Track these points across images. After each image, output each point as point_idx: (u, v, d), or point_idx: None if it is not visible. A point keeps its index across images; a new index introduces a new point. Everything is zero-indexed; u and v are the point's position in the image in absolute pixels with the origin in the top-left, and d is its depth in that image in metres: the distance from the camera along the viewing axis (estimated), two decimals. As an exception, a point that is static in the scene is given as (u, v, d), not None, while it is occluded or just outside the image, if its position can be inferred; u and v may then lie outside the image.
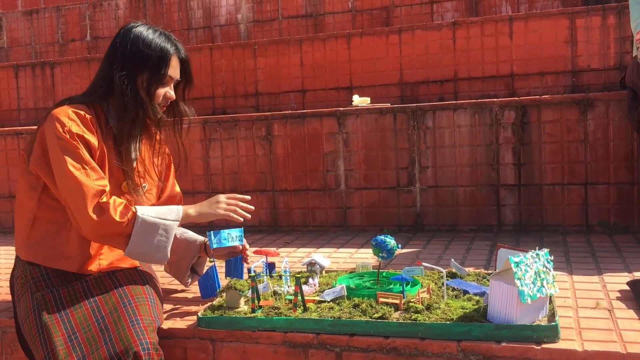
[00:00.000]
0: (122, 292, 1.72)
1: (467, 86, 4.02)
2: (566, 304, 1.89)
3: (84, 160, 1.68)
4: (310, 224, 3.50)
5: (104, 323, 1.63)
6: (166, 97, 1.83)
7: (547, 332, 1.57)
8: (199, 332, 1.83)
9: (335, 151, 3.43)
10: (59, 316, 1.64)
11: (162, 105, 1.84)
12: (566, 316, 1.77)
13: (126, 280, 1.79)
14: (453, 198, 3.26)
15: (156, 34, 1.80)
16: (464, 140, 3.22)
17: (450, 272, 2.10)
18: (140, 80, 1.77)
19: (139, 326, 1.60)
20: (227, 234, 2.17)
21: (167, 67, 1.78)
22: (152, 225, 1.70)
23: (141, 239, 1.69)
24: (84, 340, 1.60)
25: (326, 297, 1.87)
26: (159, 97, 1.80)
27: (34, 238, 1.78)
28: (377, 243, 1.94)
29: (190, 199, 3.71)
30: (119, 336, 1.57)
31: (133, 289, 1.75)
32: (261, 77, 4.47)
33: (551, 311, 1.69)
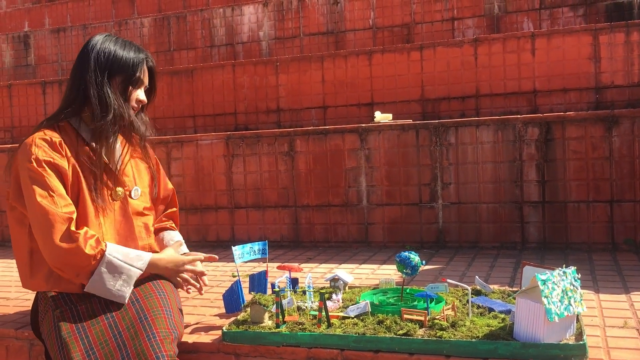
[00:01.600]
0: (138, 307, 1.73)
1: (488, 102, 4.02)
2: (593, 323, 1.87)
3: (51, 188, 1.70)
4: (332, 240, 3.51)
5: (121, 339, 1.64)
6: (138, 100, 1.89)
7: (575, 350, 1.55)
8: (223, 347, 1.83)
9: (357, 167, 3.44)
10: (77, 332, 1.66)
11: (135, 108, 1.90)
12: (594, 335, 1.75)
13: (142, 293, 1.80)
14: (476, 215, 3.24)
15: (126, 42, 1.89)
16: (486, 157, 3.21)
17: (475, 290, 2.08)
18: (115, 83, 1.83)
19: (155, 340, 1.62)
20: (249, 248, 2.19)
21: (140, 71, 1.84)
22: (116, 269, 1.71)
23: (102, 279, 1.70)
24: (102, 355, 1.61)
25: (350, 313, 1.87)
26: (133, 99, 1.86)
27: (36, 268, 1.81)
28: (402, 259, 1.93)
29: (212, 215, 3.75)
30: (136, 351, 1.59)
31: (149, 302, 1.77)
32: (283, 94, 4.51)
33: (579, 330, 1.68)
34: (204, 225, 3.74)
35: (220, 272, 2.96)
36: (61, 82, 5.17)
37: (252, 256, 2.17)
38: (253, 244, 2.18)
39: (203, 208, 3.76)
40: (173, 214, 2.16)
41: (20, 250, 1.82)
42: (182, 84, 4.79)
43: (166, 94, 4.83)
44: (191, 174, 3.77)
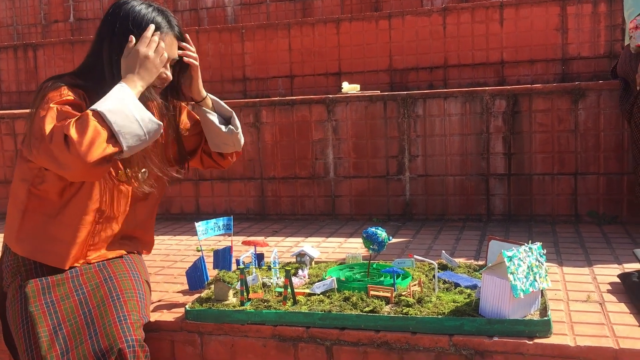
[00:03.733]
0: (111, 286, 1.68)
1: (456, 73, 4.00)
2: (557, 297, 1.88)
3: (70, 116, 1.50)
4: (298, 213, 3.48)
5: (90, 316, 1.59)
6: (161, 79, 1.66)
7: (539, 326, 1.56)
8: (186, 325, 1.80)
9: (324, 139, 3.40)
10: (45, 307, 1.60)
11: (157, 87, 1.68)
12: (558, 310, 1.76)
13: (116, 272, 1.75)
14: (442, 187, 3.25)
15: (149, 8, 1.68)
16: (454, 129, 3.20)
17: (441, 264, 2.08)
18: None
19: (126, 322, 1.57)
20: (213, 224, 2.14)
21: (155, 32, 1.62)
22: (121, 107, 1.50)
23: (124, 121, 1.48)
24: (69, 332, 1.56)
25: (316, 289, 1.85)
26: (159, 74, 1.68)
27: (24, 231, 1.72)
28: (368, 235, 1.91)
29: (176, 187, 3.66)
30: (105, 331, 1.54)
31: (123, 282, 1.71)
32: (249, 62, 4.41)
33: (543, 305, 1.69)
34: (167, 198, 3.66)
35: (184, 246, 2.91)
36: (16, 47, 4.94)
37: (217, 232, 2.12)
38: (217, 220, 2.13)
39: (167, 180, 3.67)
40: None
41: (15, 207, 1.69)
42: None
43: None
44: (154, 145, 3.66)
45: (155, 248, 2.88)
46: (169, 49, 1.66)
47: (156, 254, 2.76)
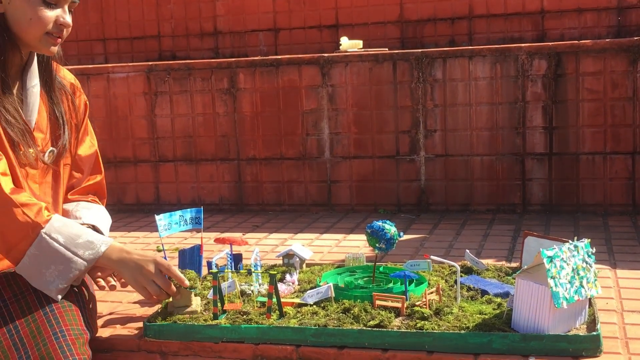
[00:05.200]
0: (40, 294, 1.68)
1: (484, 26, 4.00)
2: (609, 307, 1.91)
3: None
4: (285, 202, 3.49)
5: (18, 336, 1.60)
6: (58, 24, 1.65)
7: (586, 343, 1.59)
8: (145, 344, 1.81)
9: (317, 109, 3.40)
10: None
11: (54, 35, 1.66)
12: (610, 322, 1.79)
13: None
14: (467, 170, 3.26)
15: None
16: (481, 97, 3.21)
17: (465, 267, 2.10)
18: (17, 1, 1.65)
19: (65, 340, 1.57)
20: (178, 217, 2.15)
21: None
22: (51, 254, 1.62)
23: (33, 265, 1.60)
24: (-9, 359, 1.57)
25: (308, 299, 1.87)
26: (47, 22, 1.67)
27: None
28: (374, 231, 1.93)
29: (130, 170, 3.67)
30: (39, 353, 1.55)
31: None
32: (221, 12, 4.39)
33: (591, 317, 1.71)
34: (119, 184, 3.67)
35: (141, 245, 2.93)
36: None
37: (182, 227, 2.13)
38: (183, 212, 2.14)
39: (118, 162, 3.69)
40: (96, 186, 1.97)
41: None
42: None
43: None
44: (101, 117, 3.67)
45: (104, 247, 2.89)
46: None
47: (106, 255, 2.77)
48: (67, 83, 1.84)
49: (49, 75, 1.78)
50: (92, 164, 1.95)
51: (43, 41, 1.65)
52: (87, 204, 1.91)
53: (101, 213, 1.91)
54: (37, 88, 1.75)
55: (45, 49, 1.67)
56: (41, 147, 1.75)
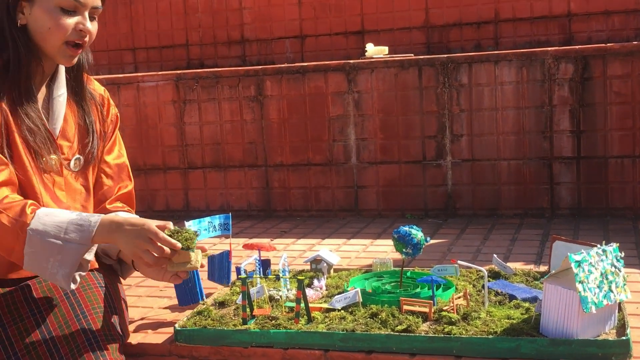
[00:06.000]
0: (74, 301, 1.70)
1: (511, 30, 3.99)
2: (639, 312, 1.89)
3: None
4: (312, 208, 3.50)
5: (52, 341, 1.62)
6: (78, 31, 1.64)
7: (616, 348, 1.58)
8: (176, 349, 1.83)
9: (344, 115, 3.41)
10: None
11: (74, 42, 1.65)
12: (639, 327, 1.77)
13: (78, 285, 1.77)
14: (494, 175, 3.25)
15: None
16: (508, 101, 3.20)
17: (493, 272, 2.10)
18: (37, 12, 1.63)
19: (99, 345, 1.60)
20: (207, 223, 2.17)
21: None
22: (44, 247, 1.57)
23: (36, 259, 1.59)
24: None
25: (336, 304, 1.88)
26: (65, 29, 1.66)
27: None
28: (400, 236, 1.93)
29: (160, 177, 3.71)
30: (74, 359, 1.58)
31: (87, 295, 1.74)
32: (248, 20, 4.43)
33: (621, 321, 1.70)
34: (149, 191, 3.71)
35: (171, 252, 2.95)
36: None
37: (212, 233, 2.15)
38: (212, 218, 2.16)
39: (148, 169, 3.73)
40: (127, 195, 1.94)
41: None
42: (118, 6, 4.66)
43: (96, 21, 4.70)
44: (131, 126, 3.71)
45: (135, 254, 2.93)
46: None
47: (137, 261, 2.80)
48: (97, 95, 1.86)
49: (79, 85, 1.79)
50: (121, 174, 1.95)
51: (62, 51, 1.64)
52: (125, 214, 1.88)
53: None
54: (64, 97, 1.76)
55: (64, 60, 1.66)
56: (67, 155, 1.76)
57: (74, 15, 1.63)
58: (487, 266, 2.05)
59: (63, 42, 1.63)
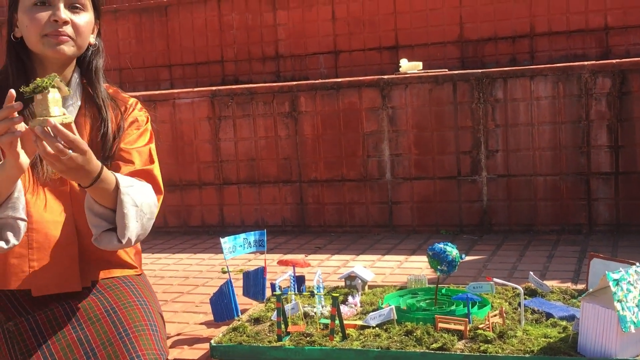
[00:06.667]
0: (115, 319, 1.72)
1: (546, 44, 3.96)
2: (680, 331, 1.86)
3: None
4: (346, 224, 3.51)
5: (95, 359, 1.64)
6: (52, 22, 1.64)
7: (656, 369, 1.56)
8: (212, 365, 1.85)
9: (378, 131, 3.42)
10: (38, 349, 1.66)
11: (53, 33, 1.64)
12: (680, 347, 1.74)
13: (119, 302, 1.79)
14: (530, 190, 3.23)
15: None
16: (544, 117, 3.18)
17: (529, 289, 2.08)
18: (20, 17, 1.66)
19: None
20: (243, 240, 2.20)
21: None
22: None
23: None
24: (70, 379, 1.62)
25: (371, 321, 1.88)
26: (39, 21, 1.63)
27: None
28: (435, 253, 1.93)
29: (195, 193, 3.75)
30: (117, 379, 1.59)
31: (129, 313, 1.76)
32: (282, 36, 4.47)
33: (661, 341, 1.68)
34: (185, 207, 3.76)
35: (206, 267, 2.99)
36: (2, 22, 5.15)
37: (247, 249, 2.18)
38: (247, 234, 2.19)
39: (184, 185, 3.78)
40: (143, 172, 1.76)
41: None
42: (154, 24, 4.75)
43: (134, 38, 4.79)
44: (167, 142, 3.76)
45: (171, 269, 2.97)
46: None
47: (173, 276, 2.84)
48: (121, 103, 1.83)
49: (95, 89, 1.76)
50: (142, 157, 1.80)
51: (45, 44, 1.63)
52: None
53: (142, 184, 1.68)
54: (76, 106, 1.77)
55: (51, 51, 1.64)
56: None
57: (48, 8, 1.64)
58: (523, 284, 2.04)
59: (41, 34, 1.63)
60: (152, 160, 1.78)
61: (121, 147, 1.75)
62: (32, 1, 1.64)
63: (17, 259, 1.76)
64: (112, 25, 4.80)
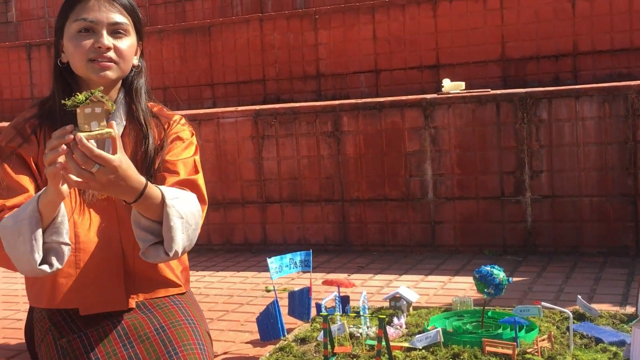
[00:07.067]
0: (164, 337, 1.75)
1: (590, 63, 3.94)
2: None
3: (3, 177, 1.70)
4: (389, 243, 3.51)
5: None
6: (96, 48, 1.70)
7: None
8: (259, 384, 1.87)
9: (420, 151, 3.43)
10: None
11: (97, 59, 1.70)
12: None
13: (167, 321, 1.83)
14: (575, 211, 3.20)
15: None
16: (589, 137, 3.15)
17: (577, 313, 2.07)
18: (65, 43, 1.73)
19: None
20: (289, 260, 2.22)
21: (74, 5, 1.71)
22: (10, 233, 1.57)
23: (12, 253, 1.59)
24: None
25: (417, 343, 1.88)
26: (83, 47, 1.69)
27: (28, 279, 1.85)
28: (482, 275, 1.93)
29: (239, 211, 3.79)
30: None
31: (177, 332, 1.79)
32: (323, 55, 4.51)
33: None
34: (228, 225, 3.80)
35: (250, 285, 3.01)
36: (50, 44, 5.29)
37: (292, 270, 2.20)
38: (294, 255, 2.21)
39: (227, 203, 3.82)
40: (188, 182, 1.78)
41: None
42: (198, 43, 4.83)
43: (177, 57, 4.88)
44: (211, 161, 3.82)
45: (216, 287, 3.01)
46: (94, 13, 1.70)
47: (218, 294, 2.88)
48: (164, 120, 1.87)
49: (137, 111, 1.80)
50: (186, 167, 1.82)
51: (89, 69, 1.69)
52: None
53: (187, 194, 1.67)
54: (121, 126, 1.81)
55: (95, 75, 1.70)
56: None
57: (92, 35, 1.70)
58: (571, 307, 2.03)
59: (85, 60, 1.69)
60: (196, 171, 1.80)
61: (166, 159, 1.78)
62: (77, 29, 1.71)
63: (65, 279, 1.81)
64: (157, 45, 4.89)
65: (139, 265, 1.81)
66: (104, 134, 1.41)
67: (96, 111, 1.42)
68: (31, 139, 1.78)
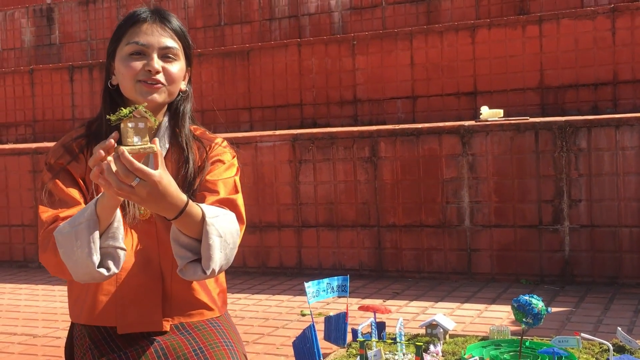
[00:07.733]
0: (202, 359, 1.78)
1: (630, 92, 3.91)
2: None
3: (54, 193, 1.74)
4: (424, 270, 3.52)
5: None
6: (146, 71, 1.75)
7: None
8: (295, 408, 1.89)
9: (457, 178, 3.44)
10: None
11: (146, 81, 1.75)
12: None
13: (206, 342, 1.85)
14: (615, 241, 3.17)
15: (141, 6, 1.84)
16: (629, 167, 3.13)
17: (617, 346, 2.05)
18: (117, 65, 1.78)
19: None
20: (326, 285, 2.24)
21: (127, 29, 1.78)
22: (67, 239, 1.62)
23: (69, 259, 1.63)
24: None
25: (454, 372, 1.89)
26: (134, 69, 1.75)
27: (73, 293, 1.90)
28: (520, 305, 1.93)
29: (274, 235, 3.83)
30: None
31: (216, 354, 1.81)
32: (360, 80, 4.55)
33: None
34: (264, 248, 3.83)
35: (285, 309, 3.04)
36: (92, 66, 5.42)
37: (329, 294, 2.21)
38: (331, 280, 2.23)
39: (263, 226, 3.86)
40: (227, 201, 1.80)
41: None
42: (236, 67, 4.91)
43: (216, 81, 4.97)
44: (248, 184, 3.86)
45: (251, 310, 3.04)
46: (146, 36, 1.76)
47: (253, 317, 2.91)
48: (206, 143, 1.92)
49: (180, 135, 1.84)
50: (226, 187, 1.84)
51: (138, 90, 1.73)
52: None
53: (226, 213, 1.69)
54: (164, 149, 1.87)
55: (141, 97, 1.74)
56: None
57: (143, 57, 1.75)
58: (610, 339, 2.01)
59: (134, 81, 1.74)
60: (236, 191, 1.82)
61: (207, 178, 1.80)
62: (129, 52, 1.76)
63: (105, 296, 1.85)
64: (196, 68, 4.99)
65: (176, 287, 1.84)
66: (147, 149, 1.43)
67: (139, 126, 1.45)
68: (79, 157, 1.84)
